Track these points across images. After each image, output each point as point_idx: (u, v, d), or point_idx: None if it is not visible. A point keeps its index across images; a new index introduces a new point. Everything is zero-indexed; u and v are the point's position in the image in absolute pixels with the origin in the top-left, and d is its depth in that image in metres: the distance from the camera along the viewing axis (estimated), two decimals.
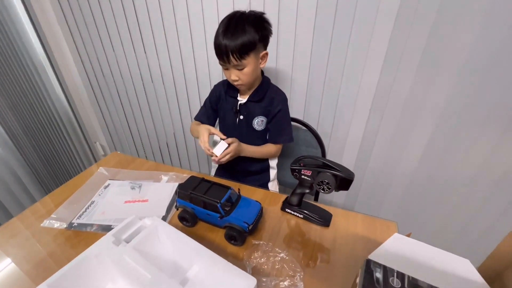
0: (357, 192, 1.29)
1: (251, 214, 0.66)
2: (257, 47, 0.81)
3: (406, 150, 1.11)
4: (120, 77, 1.54)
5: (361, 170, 1.22)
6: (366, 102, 1.07)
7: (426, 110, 1.00)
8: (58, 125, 1.67)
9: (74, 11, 1.42)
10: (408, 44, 0.92)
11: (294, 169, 0.68)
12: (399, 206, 1.24)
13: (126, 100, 1.62)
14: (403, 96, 1.01)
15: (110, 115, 1.76)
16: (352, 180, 0.62)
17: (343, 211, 0.75)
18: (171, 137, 1.63)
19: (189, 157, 1.66)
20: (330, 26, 0.98)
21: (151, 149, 1.77)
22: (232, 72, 0.83)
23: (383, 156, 1.16)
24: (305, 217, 0.73)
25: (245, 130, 0.96)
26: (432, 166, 1.09)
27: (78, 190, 0.84)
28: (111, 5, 1.31)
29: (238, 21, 0.79)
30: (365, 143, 1.16)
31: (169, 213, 0.75)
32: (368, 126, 1.12)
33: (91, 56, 1.55)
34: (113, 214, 0.75)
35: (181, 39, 1.25)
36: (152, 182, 0.87)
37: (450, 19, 0.84)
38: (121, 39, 1.39)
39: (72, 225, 0.72)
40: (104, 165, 0.96)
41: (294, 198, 0.73)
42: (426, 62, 0.92)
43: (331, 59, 1.04)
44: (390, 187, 1.21)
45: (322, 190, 0.64)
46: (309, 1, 0.96)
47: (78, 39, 1.52)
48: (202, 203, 0.66)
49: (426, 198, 1.17)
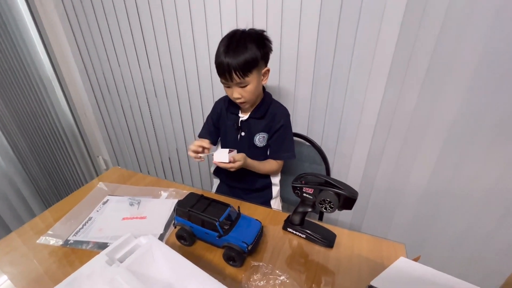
0: (364, 211, 1.26)
1: (250, 234, 0.65)
2: (259, 64, 0.83)
3: (414, 167, 1.09)
4: (124, 92, 1.58)
5: (368, 188, 1.20)
6: (371, 117, 1.06)
7: (434, 124, 0.99)
8: (61, 138, 1.71)
9: (82, 26, 1.48)
10: (413, 57, 0.92)
11: (296, 187, 0.67)
12: (408, 227, 1.21)
13: (130, 114, 1.65)
14: (410, 111, 1.00)
15: (113, 129, 1.79)
16: (356, 199, 0.61)
17: (348, 231, 0.74)
18: (173, 152, 1.64)
19: (191, 173, 1.67)
20: (333, 40, 0.99)
21: (154, 164, 1.78)
22: (235, 90, 0.85)
23: (390, 173, 1.14)
24: (307, 237, 0.71)
25: (247, 146, 0.96)
26: (443, 183, 1.07)
27: (76, 206, 0.85)
28: (118, 21, 1.36)
29: (239, 39, 0.81)
30: (371, 159, 1.14)
31: (167, 231, 0.75)
32: (374, 141, 1.11)
33: (97, 71, 1.60)
34: (110, 231, 0.75)
35: (185, 54, 1.29)
36: (151, 198, 0.87)
37: (456, 30, 0.84)
38: (126, 55, 1.44)
39: (68, 242, 0.71)
40: (104, 180, 0.97)
41: (296, 217, 0.72)
42: (432, 74, 0.92)
43: (335, 73, 1.05)
44: (399, 206, 1.18)
45: (325, 209, 0.63)
46: (312, 17, 0.99)
47: (85, 54, 1.58)
48: (200, 221, 0.65)
49: (436, 218, 1.14)
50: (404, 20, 0.88)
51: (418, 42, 0.89)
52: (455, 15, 0.83)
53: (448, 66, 0.89)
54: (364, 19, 0.93)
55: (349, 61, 1.01)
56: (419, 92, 0.96)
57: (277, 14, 1.02)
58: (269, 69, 0.88)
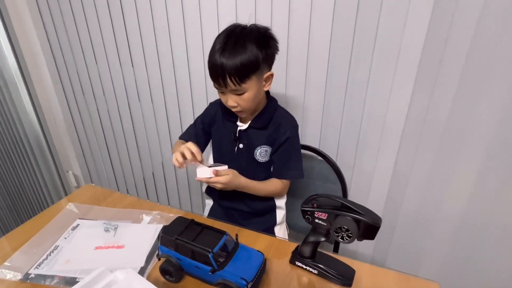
0: (388, 241, 1.25)
1: (251, 268, 0.64)
2: (260, 67, 0.83)
3: (449, 189, 1.08)
4: (102, 95, 1.60)
5: (393, 214, 1.19)
6: (396, 128, 1.07)
7: (473, 137, 0.99)
8: (24, 148, 1.71)
9: (54, 14, 1.50)
10: (446, 52, 0.93)
11: (306, 211, 0.67)
12: (442, 261, 1.19)
13: (107, 121, 1.67)
14: (443, 120, 1.00)
15: (87, 139, 1.80)
16: (379, 227, 0.61)
17: (369, 266, 0.73)
18: (158, 168, 1.65)
19: (179, 192, 1.66)
20: (350, 36, 1.01)
21: (134, 181, 1.78)
22: (230, 97, 0.85)
23: (420, 196, 1.13)
24: (320, 273, 0.71)
25: (245, 161, 0.96)
26: (485, 209, 1.06)
27: (39, 232, 0.84)
28: (96, 10, 1.38)
29: (238, 36, 0.81)
30: (397, 178, 1.14)
31: (149, 263, 0.74)
32: (400, 157, 1.11)
33: (70, 68, 1.62)
34: (79, 264, 0.74)
35: (175, 52, 1.31)
36: (130, 223, 0.87)
37: (497, 17, 0.85)
38: (105, 50, 1.47)
39: (28, 276, 0.71)
40: (75, 200, 0.97)
41: (306, 248, 0.72)
42: (470, 75, 0.93)
43: (352, 76, 1.06)
44: (431, 236, 1.17)
45: (341, 239, 0.63)
46: (325, 11, 1.01)
47: (56, 47, 1.60)
48: (190, 252, 0.65)
49: (477, 250, 1.12)
50: (434, 14, 0.90)
51: (450, 39, 0.91)
52: (494, 4, 0.84)
53: (487, 66, 0.90)
54: (386, 12, 0.95)
55: (369, 62, 1.02)
56: (453, 98, 0.97)
57: (284, 7, 1.05)
58: (273, 73, 0.88)
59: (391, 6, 0.94)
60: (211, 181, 0.84)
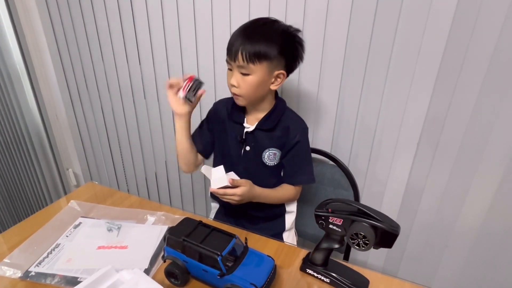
0: (401, 252, 1.24)
1: (261, 274, 0.64)
2: (275, 61, 0.84)
3: (468, 199, 1.07)
4: (106, 91, 1.61)
5: (407, 223, 1.18)
6: (413, 133, 1.06)
7: (493, 148, 0.98)
8: (25, 143, 1.72)
9: (62, 10, 1.52)
10: (467, 59, 0.92)
11: (320, 216, 0.67)
12: (459, 274, 1.17)
13: (111, 118, 1.68)
14: (463, 125, 0.99)
15: (89, 136, 1.81)
16: (397, 234, 0.60)
17: (384, 276, 0.73)
18: (161, 167, 1.65)
19: (182, 193, 1.66)
20: (368, 35, 1.01)
21: (136, 181, 1.78)
22: (235, 75, 0.86)
23: (436, 206, 1.12)
24: (332, 282, 0.70)
25: (253, 164, 0.96)
26: (505, 220, 1.04)
27: (41, 229, 0.85)
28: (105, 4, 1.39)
29: (264, 25, 0.85)
30: (412, 186, 1.13)
31: (154, 265, 0.74)
32: (416, 164, 1.10)
33: (75, 63, 1.63)
34: (81, 263, 0.74)
35: (184, 49, 1.32)
36: (134, 223, 0.87)
37: None
38: (112, 46, 1.48)
39: (28, 274, 0.71)
40: (76, 198, 0.97)
41: (318, 255, 0.71)
42: (492, 83, 0.92)
43: (368, 77, 1.06)
44: (447, 247, 1.16)
45: (357, 246, 0.62)
46: (341, 7, 1.01)
47: (62, 42, 1.61)
48: (197, 255, 0.64)
49: (496, 264, 1.10)
50: (455, 19, 0.89)
51: (472, 45, 0.90)
52: None
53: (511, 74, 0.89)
54: (405, 16, 0.94)
55: (386, 66, 1.02)
56: (474, 106, 0.96)
57: (299, 3, 1.05)
58: (285, 74, 0.88)
59: (410, 10, 0.94)
60: (228, 194, 0.82)
